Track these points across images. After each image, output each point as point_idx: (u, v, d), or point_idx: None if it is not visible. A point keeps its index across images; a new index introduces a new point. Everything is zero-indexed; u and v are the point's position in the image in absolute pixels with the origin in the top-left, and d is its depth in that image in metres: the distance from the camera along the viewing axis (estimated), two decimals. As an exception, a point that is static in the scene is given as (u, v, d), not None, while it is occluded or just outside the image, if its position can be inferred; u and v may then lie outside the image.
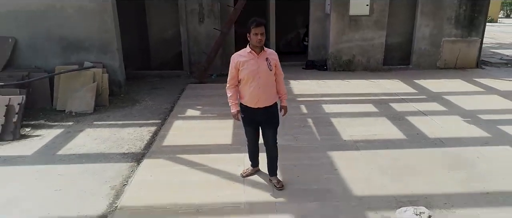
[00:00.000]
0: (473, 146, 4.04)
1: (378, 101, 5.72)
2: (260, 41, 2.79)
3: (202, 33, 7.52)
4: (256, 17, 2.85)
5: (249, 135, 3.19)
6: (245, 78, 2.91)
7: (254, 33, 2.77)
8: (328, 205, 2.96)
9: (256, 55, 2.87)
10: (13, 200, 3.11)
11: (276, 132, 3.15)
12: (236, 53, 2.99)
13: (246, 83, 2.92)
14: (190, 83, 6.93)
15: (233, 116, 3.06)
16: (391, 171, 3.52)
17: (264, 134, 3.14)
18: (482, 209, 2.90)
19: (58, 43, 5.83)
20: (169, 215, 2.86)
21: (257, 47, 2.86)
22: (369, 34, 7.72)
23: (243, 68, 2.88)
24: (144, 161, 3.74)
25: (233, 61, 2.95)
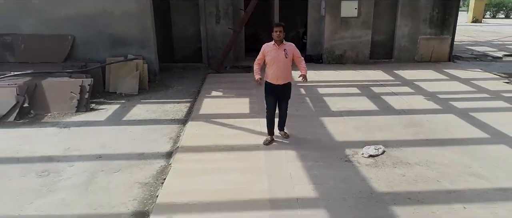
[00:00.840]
0: (426, 114, 5.52)
1: (361, 86, 7.19)
2: (278, 36, 4.16)
3: (218, 32, 8.99)
4: (277, 21, 4.26)
5: (269, 105, 4.42)
6: (269, 63, 4.26)
7: (274, 30, 4.18)
8: (319, 147, 4.42)
9: (277, 47, 4.24)
10: (106, 144, 4.59)
11: (288, 103, 4.54)
12: (266, 44, 4.31)
13: (270, 66, 4.27)
14: (209, 73, 8.40)
15: (256, 81, 4.27)
16: (363, 128, 4.99)
17: (280, 104, 4.46)
18: (420, 148, 4.36)
19: (107, 39, 7.29)
20: (213, 151, 4.32)
21: (277, 41, 4.24)
22: (357, 33, 9.19)
23: (268, 55, 4.25)
24: (188, 123, 5.21)
25: (263, 48, 4.29)
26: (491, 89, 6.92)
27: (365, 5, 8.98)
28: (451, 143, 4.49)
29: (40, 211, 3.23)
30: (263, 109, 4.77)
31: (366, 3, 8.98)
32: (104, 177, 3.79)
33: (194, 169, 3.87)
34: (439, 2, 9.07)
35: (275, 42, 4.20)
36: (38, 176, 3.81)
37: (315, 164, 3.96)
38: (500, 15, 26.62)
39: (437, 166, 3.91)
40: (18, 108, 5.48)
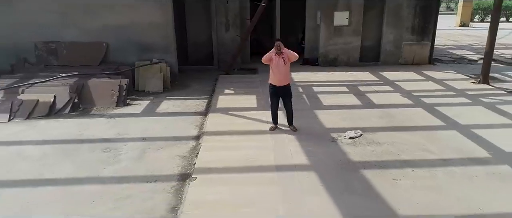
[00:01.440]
0: (399, 108, 6.83)
1: (350, 85, 8.49)
2: (278, 48, 5.44)
3: (227, 39, 10.30)
4: (277, 37, 5.57)
5: (273, 103, 5.69)
6: (272, 68, 5.53)
7: (275, 44, 5.48)
8: (313, 132, 5.71)
9: (278, 56, 5.52)
10: (147, 130, 5.89)
11: (291, 102, 5.80)
12: (271, 51, 5.55)
13: (272, 70, 5.52)
14: (220, 74, 9.70)
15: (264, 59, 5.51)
16: (348, 119, 6.29)
17: (285, 103, 5.71)
18: (389, 132, 5.66)
19: (135, 46, 8.60)
20: (231, 134, 5.61)
21: (277, 52, 5.52)
22: (349, 39, 10.50)
23: (272, 61, 5.55)
24: (209, 114, 6.52)
25: (269, 54, 5.52)
26: (458, 88, 8.23)
27: (355, 15, 10.29)
28: (413, 129, 5.79)
29: (113, 173, 4.54)
30: (267, 104, 6.06)
31: (356, 13, 10.29)
32: (152, 153, 5.10)
33: (218, 146, 5.17)
34: (420, 13, 10.37)
35: (276, 53, 5.49)
36: (103, 152, 5.12)
37: (309, 143, 5.26)
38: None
39: (399, 145, 5.21)
40: (71, 103, 6.79)
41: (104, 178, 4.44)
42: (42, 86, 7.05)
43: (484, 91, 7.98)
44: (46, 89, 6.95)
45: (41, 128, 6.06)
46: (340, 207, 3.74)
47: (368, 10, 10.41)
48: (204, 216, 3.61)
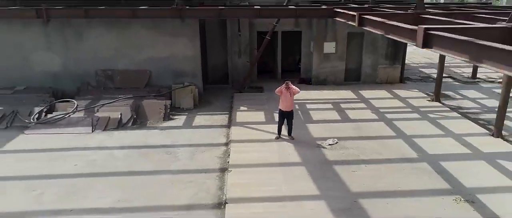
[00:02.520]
0: (367, 122, 9.42)
1: (334, 103, 11.08)
2: (287, 88, 8.02)
3: (239, 64, 12.90)
4: (287, 79, 8.19)
5: (280, 121, 8.28)
6: (281, 98, 8.13)
7: (285, 84, 8.03)
8: (304, 140, 8.30)
9: (286, 90, 8.10)
10: (190, 138, 8.48)
11: (292, 121, 8.37)
12: (282, 86, 8.13)
13: (281, 100, 8.09)
14: (235, 93, 12.28)
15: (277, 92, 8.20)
16: (329, 130, 8.88)
17: (287, 121, 8.29)
18: (356, 140, 8.26)
19: (171, 72, 11.18)
20: (249, 142, 8.21)
21: (286, 88, 8.11)
22: (335, 63, 13.09)
23: (282, 94, 8.12)
24: (232, 127, 9.11)
25: (280, 88, 8.10)
26: (415, 105, 10.84)
27: (340, 45, 12.89)
28: (373, 138, 8.39)
29: (177, 167, 7.14)
30: (273, 118, 8.68)
31: (341, 43, 12.88)
32: (198, 154, 7.70)
33: (241, 150, 7.77)
34: (392, 43, 12.95)
35: (285, 88, 8.07)
36: (166, 154, 7.73)
37: (301, 148, 7.85)
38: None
39: (361, 149, 7.81)
40: (132, 119, 9.39)
41: (173, 170, 7.04)
42: (110, 106, 9.65)
43: (434, 108, 10.59)
44: (113, 108, 9.55)
45: (116, 137, 8.66)
46: (318, 186, 6.34)
47: (350, 41, 13.00)
48: (240, 191, 6.20)
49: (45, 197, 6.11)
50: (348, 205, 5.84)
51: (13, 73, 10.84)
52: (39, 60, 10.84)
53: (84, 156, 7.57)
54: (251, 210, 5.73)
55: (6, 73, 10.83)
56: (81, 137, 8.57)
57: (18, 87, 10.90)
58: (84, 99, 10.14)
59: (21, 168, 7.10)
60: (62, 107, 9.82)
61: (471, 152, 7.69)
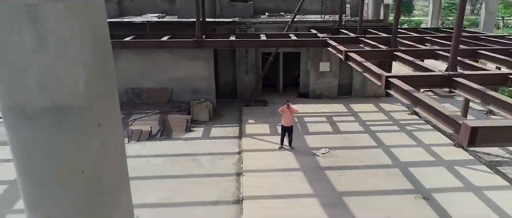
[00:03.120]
0: (354, 134, 11.36)
1: (328, 116, 13.01)
2: (287, 106, 9.97)
3: (246, 81, 14.83)
4: (288, 100, 10.14)
5: (282, 134, 10.22)
6: (283, 116, 10.07)
7: (286, 104, 9.99)
8: (301, 150, 10.23)
9: (287, 109, 10.03)
10: (210, 148, 10.40)
11: (292, 134, 10.29)
12: (284, 106, 10.10)
13: (283, 117, 10.02)
14: (243, 106, 14.19)
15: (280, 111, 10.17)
16: (322, 141, 10.80)
17: (288, 134, 10.21)
18: (344, 150, 10.18)
19: (189, 90, 13.10)
20: (257, 151, 10.14)
21: (287, 108, 10.04)
22: (329, 80, 15.02)
23: (284, 112, 10.04)
24: (242, 138, 11.03)
25: (282, 108, 10.06)
26: (396, 118, 12.77)
27: (334, 64, 14.83)
28: (358, 148, 10.32)
29: (203, 172, 9.06)
30: (276, 131, 10.60)
31: (334, 63, 14.81)
32: (218, 161, 9.62)
33: (252, 158, 9.69)
34: (378, 62, 14.89)
35: (286, 107, 10.01)
36: (192, 161, 9.65)
37: (299, 156, 9.78)
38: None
39: (347, 157, 9.74)
40: (160, 131, 11.31)
41: (199, 174, 8.96)
42: (141, 120, 11.57)
43: (411, 121, 12.52)
44: (144, 122, 11.47)
45: (148, 147, 10.58)
46: (312, 187, 8.27)
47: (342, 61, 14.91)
48: (253, 191, 8.12)
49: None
50: (335, 201, 7.77)
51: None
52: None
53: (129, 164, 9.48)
54: (262, 205, 7.65)
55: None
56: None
57: (60, 103, 12.82)
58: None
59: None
60: (101, 121, 11.74)
61: (435, 159, 9.63)
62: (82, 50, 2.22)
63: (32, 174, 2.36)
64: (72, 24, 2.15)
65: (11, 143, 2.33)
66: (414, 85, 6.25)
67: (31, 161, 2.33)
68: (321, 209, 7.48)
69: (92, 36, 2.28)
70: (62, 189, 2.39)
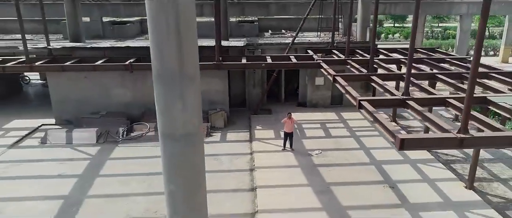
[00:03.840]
0: (342, 138, 14.02)
1: (321, 123, 15.68)
2: (288, 116, 12.63)
3: (254, 93, 17.51)
4: (289, 112, 12.85)
5: (284, 138, 12.87)
6: (285, 124, 12.75)
7: (287, 115, 12.67)
8: (300, 151, 12.91)
9: (289, 120, 12.67)
10: (227, 150, 13.08)
11: (292, 138, 12.96)
12: (286, 117, 12.76)
13: (285, 125, 12.67)
14: (251, 114, 16.86)
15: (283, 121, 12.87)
16: (316, 144, 13.49)
17: (289, 139, 12.90)
18: (334, 151, 12.85)
19: (208, 101, 15.76)
20: (266, 152, 12.81)
21: (288, 118, 12.71)
22: (324, 92, 17.69)
23: (286, 121, 12.70)
24: (253, 142, 13.71)
25: (285, 118, 12.72)
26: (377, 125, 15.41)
27: (327, 79, 17.46)
28: (345, 150, 12.98)
29: (224, 168, 11.75)
30: (279, 136, 13.29)
31: (327, 78, 17.45)
32: (235, 160, 12.30)
33: (262, 157, 12.36)
34: (365, 77, 17.52)
35: (288, 118, 12.70)
36: (214, 160, 12.32)
37: (298, 156, 12.46)
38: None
39: (336, 157, 12.42)
40: (186, 136, 13.99)
41: (222, 170, 11.63)
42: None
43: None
44: (173, 129, 14.14)
45: (179, 148, 13.23)
46: (307, 179, 10.95)
47: (335, 75, 17.59)
48: (263, 182, 10.77)
49: (155, 184, 10.69)
50: (324, 189, 10.44)
51: (98, 102, 15.43)
52: (116, 94, 15.47)
53: (165, 161, 12.17)
54: (270, 192, 10.31)
55: (94, 103, 15.42)
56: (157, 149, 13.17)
57: (101, 112, 15.51)
58: (150, 122, 14.75)
59: (130, 170, 11.70)
60: (138, 128, 14.44)
61: (403, 158, 12.30)
62: (199, 110, 4.91)
63: (174, 170, 5.04)
64: (197, 98, 4.84)
65: (163, 153, 5.01)
66: (377, 106, 8.95)
67: (174, 163, 5.01)
68: (314, 195, 10.15)
69: (199, 102, 4.97)
70: (182, 179, 5.07)
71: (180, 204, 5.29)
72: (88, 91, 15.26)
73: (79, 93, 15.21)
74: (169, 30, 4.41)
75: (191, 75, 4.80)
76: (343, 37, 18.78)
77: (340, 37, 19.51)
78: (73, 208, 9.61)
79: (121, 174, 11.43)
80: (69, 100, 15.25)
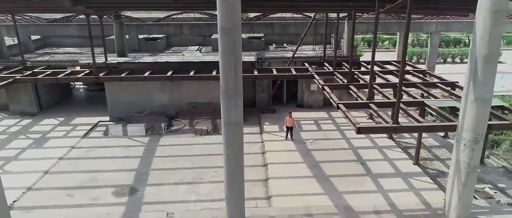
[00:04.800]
0: (331, 132, 18.35)
1: (315, 120, 20.00)
2: (289, 115, 16.94)
3: (262, 96, 21.83)
4: (290, 111, 17.19)
5: (286, 131, 17.18)
6: (287, 120, 17.07)
7: (289, 114, 17.00)
8: (298, 140, 17.23)
9: (290, 118, 16.99)
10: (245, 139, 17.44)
11: (293, 131, 17.26)
12: (287, 116, 17.09)
13: (287, 120, 17.04)
14: (260, 113, 21.17)
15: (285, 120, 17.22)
16: (310, 135, 17.80)
17: (291, 131, 17.19)
18: (323, 140, 17.20)
19: (226, 103, 20.08)
20: (273, 141, 17.13)
21: (289, 116, 17.02)
22: (317, 96, 21.99)
23: (287, 118, 17.04)
24: (263, 133, 18.04)
25: (286, 117, 17.08)
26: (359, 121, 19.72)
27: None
28: (331, 139, 17.28)
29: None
30: (283, 130, 17.62)
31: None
32: (251, 146, 16.57)
33: (269, 145, 16.67)
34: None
35: (289, 116, 17.04)
36: (236, 146, 16.67)
37: (297, 144, 16.77)
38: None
39: (324, 144, 16.71)
40: (213, 129, 18.32)
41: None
42: (201, 123, 18.56)
43: (367, 123, 19.48)
44: (203, 124, 18.45)
45: (208, 139, 17.51)
46: (303, 159, 15.27)
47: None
48: (271, 160, 15.08)
49: (196, 162, 14.99)
50: (315, 165, 14.75)
51: (142, 104, 19.78)
52: (157, 97, 19.82)
53: (201, 147, 16.51)
54: (276, 167, 14.59)
55: (139, 104, 19.76)
56: (192, 139, 17.54)
57: (145, 111, 19.86)
58: (184, 119, 19.09)
59: (176, 153, 16.02)
60: (176, 123, 18.78)
61: (373, 145, 16.60)
62: (241, 110, 9.27)
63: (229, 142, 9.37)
64: (241, 103, 9.19)
65: (224, 133, 9.34)
66: (349, 108, 13.27)
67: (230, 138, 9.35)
68: (307, 169, 14.47)
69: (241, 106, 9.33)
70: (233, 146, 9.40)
71: (231, 161, 9.61)
72: (135, 95, 19.61)
73: (128, 97, 19.56)
74: (231, 69, 8.74)
75: (239, 91, 9.12)
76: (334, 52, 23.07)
77: (332, 50, 23.82)
78: (144, 177, 13.94)
79: (170, 155, 15.77)
80: (121, 102, 19.60)
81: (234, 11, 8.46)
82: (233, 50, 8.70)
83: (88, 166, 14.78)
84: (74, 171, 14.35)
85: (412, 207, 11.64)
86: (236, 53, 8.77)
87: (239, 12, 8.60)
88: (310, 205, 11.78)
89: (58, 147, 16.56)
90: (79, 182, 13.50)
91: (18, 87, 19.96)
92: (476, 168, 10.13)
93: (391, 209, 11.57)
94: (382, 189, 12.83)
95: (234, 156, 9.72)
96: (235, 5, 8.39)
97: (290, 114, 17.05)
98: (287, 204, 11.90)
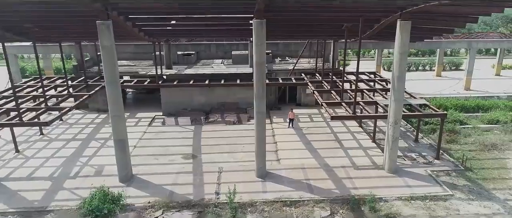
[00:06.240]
0: (320, 122, 25.78)
1: (308, 114, 27.40)
2: (291, 110, 24.33)
3: (271, 98, 29.20)
4: (291, 107, 24.66)
5: (289, 122, 24.55)
6: (289, 115, 24.48)
7: (290, 109, 24.42)
8: (297, 129, 24.66)
9: (291, 112, 24.38)
10: (260, 127, 24.91)
11: (293, 122, 24.67)
12: (290, 111, 24.51)
13: (289, 115, 24.44)
14: (269, 110, 28.55)
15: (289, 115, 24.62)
16: (305, 125, 25.22)
17: (292, 122, 24.55)
18: (316, 127, 24.65)
19: (245, 103, 27.44)
20: (280, 129, 24.56)
21: (291, 111, 24.42)
22: (311, 97, 29.27)
23: (289, 113, 24.47)
24: (272, 123, 25.46)
25: (289, 112, 24.49)
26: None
27: (313, 89, 29.27)
28: (321, 127, 24.68)
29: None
30: (286, 121, 25.06)
31: (313, 89, 29.26)
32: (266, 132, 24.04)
33: (277, 131, 24.09)
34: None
35: (291, 111, 24.50)
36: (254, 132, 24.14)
37: (296, 130, 24.17)
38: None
39: (315, 130, 24.12)
40: (237, 120, 25.77)
41: (259, 136, 23.40)
42: (229, 116, 25.99)
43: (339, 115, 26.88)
44: (230, 117, 25.85)
45: (235, 127, 24.91)
46: (300, 140, 22.67)
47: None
48: (279, 140, 22.50)
49: (230, 141, 22.42)
50: (307, 142, 22.14)
51: (186, 103, 27.23)
52: (196, 98, 27.30)
53: (231, 133, 23.95)
54: (283, 145, 21.99)
55: (184, 103, 27.22)
56: (224, 127, 25.01)
57: (188, 108, 27.33)
58: (216, 114, 26.53)
59: (216, 136, 23.45)
60: (211, 117, 26.24)
61: (347, 131, 24.00)
62: (264, 106, 16.77)
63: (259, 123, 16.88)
64: (264, 101, 16.68)
65: (256, 117, 16.82)
66: (329, 106, 20.73)
67: (259, 120, 16.87)
68: (303, 144, 21.87)
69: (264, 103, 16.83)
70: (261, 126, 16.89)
71: (260, 133, 17.05)
72: (181, 97, 27.08)
73: (177, 98, 27.03)
74: (260, 84, 16.25)
75: (264, 95, 16.68)
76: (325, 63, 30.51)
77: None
78: (198, 149, 21.41)
79: (211, 137, 23.24)
80: (171, 102, 27.07)
81: (263, 53, 15.92)
82: (261, 74, 16.13)
83: (160, 143, 22.27)
84: (152, 145, 21.85)
85: (365, 165, 19.09)
86: (263, 76, 16.20)
87: (265, 53, 16.05)
88: (304, 163, 19.22)
89: (134, 132, 24.06)
90: (159, 151, 20.98)
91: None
92: (398, 138, 17.58)
93: (352, 165, 19.01)
94: (348, 155, 20.27)
95: (261, 130, 17.12)
96: (263, 51, 15.86)
97: (291, 110, 24.50)
98: (289, 163, 19.35)
